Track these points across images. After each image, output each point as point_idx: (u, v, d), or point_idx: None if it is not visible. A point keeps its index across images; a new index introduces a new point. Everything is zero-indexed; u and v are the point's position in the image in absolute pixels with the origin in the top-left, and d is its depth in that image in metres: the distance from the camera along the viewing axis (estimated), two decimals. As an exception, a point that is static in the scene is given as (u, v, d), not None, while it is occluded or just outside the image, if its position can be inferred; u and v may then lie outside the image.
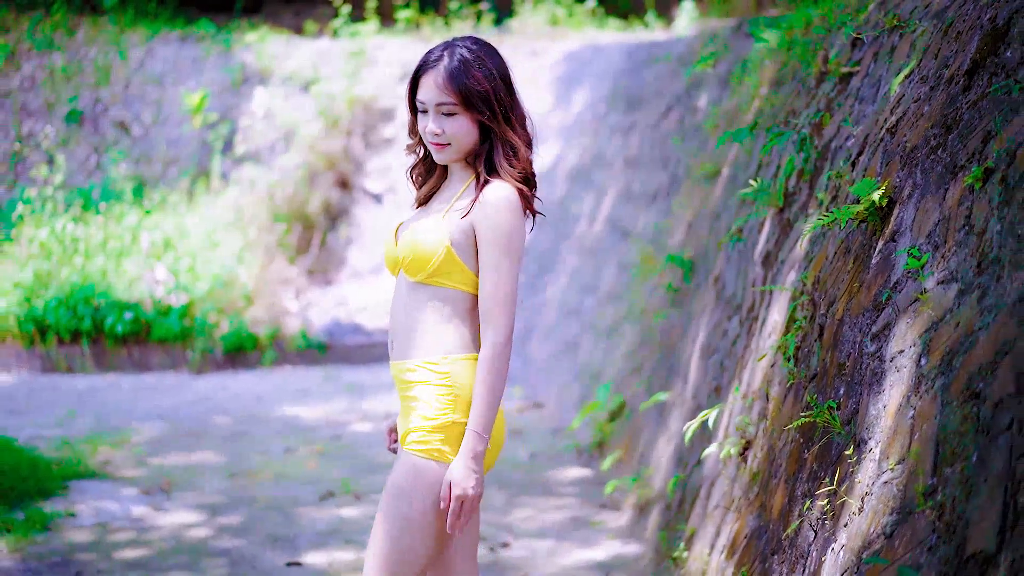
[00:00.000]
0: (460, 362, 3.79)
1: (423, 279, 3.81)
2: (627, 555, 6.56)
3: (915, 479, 3.19)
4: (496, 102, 3.84)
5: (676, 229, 8.20)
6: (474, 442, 3.69)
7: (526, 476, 8.30)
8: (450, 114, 3.82)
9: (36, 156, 15.59)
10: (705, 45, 9.13)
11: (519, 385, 11.23)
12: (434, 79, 3.82)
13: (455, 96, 3.80)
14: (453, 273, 3.80)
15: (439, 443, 3.72)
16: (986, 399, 2.99)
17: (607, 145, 11.45)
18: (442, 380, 3.77)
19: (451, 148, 3.85)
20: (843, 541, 3.55)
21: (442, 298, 3.81)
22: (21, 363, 12.19)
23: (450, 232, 3.79)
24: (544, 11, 16.26)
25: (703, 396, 6.19)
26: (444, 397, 3.75)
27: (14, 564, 6.48)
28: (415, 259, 3.80)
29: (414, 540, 3.72)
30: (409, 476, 3.73)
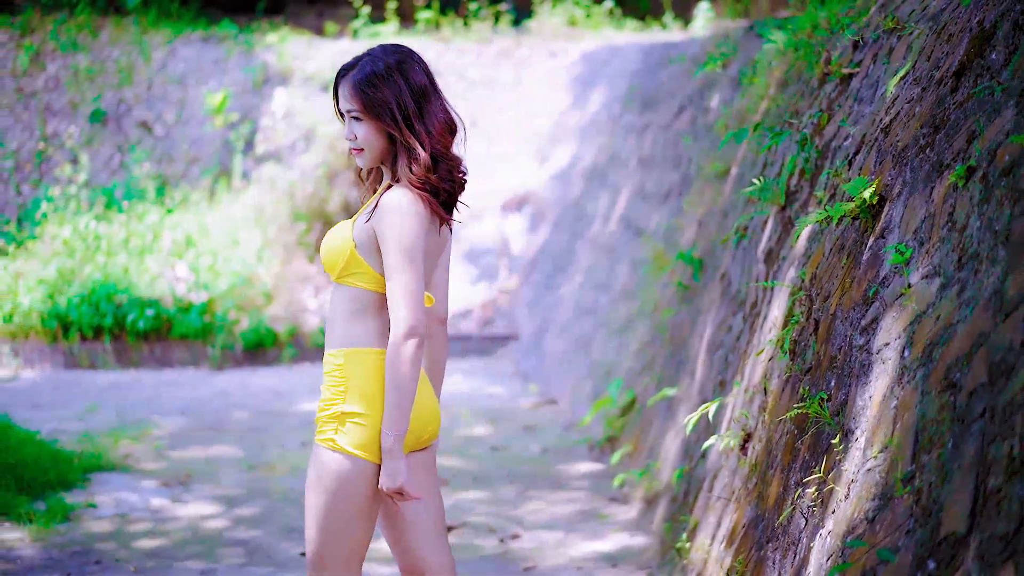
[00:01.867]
0: (356, 355, 3.92)
1: (336, 278, 3.99)
2: (634, 546, 6.68)
3: (895, 466, 3.31)
4: (398, 109, 3.91)
5: (687, 227, 8.32)
6: (382, 439, 3.84)
7: (537, 470, 8.43)
8: (358, 120, 3.95)
9: (60, 155, 15.79)
10: (717, 46, 9.24)
11: (533, 382, 11.36)
12: (343, 87, 3.98)
13: (358, 104, 3.93)
14: (359, 273, 3.94)
15: (332, 432, 3.89)
16: (962, 388, 3.11)
17: (622, 145, 11.57)
18: (336, 371, 3.93)
19: (365, 153, 3.99)
20: (830, 527, 3.68)
21: (351, 296, 3.96)
22: (44, 359, 12.37)
23: (355, 234, 3.94)
24: (562, 12, 16.38)
25: (709, 391, 6.31)
26: (335, 388, 3.92)
27: (36, 553, 6.64)
28: (326, 259, 4.00)
29: (330, 527, 3.90)
30: (313, 467, 3.94)
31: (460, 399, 10.84)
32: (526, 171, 14.80)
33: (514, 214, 14.53)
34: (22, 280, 12.86)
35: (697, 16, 14.24)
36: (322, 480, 3.89)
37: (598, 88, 13.89)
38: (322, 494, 3.90)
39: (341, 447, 3.86)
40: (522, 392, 11.15)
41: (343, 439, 3.86)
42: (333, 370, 3.94)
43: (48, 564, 6.45)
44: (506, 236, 14.32)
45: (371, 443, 3.86)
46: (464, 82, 15.66)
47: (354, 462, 3.87)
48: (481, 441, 9.32)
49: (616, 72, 13.45)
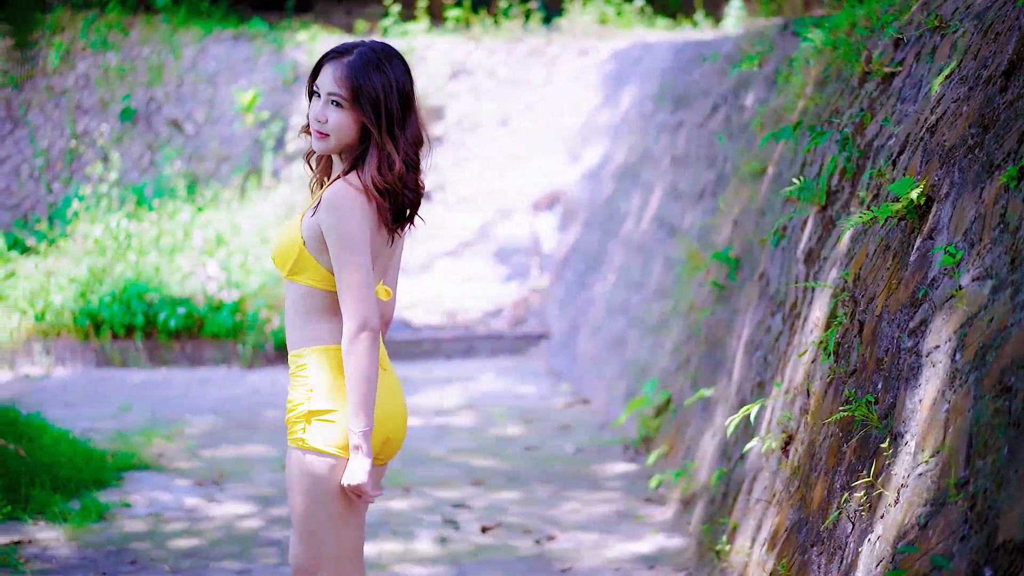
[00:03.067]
0: (315, 353, 3.91)
1: (286, 275, 3.95)
2: (671, 548, 6.65)
3: (948, 471, 3.27)
4: (384, 110, 3.90)
5: (722, 227, 8.27)
6: (349, 437, 3.82)
7: (572, 470, 8.39)
8: (337, 105, 3.89)
9: (91, 154, 15.83)
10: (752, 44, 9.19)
11: (566, 381, 11.33)
12: (333, 69, 3.91)
13: (347, 91, 3.88)
14: (308, 270, 3.90)
15: (300, 432, 3.88)
16: (1017, 393, 3.06)
17: (654, 143, 11.52)
18: (300, 372, 3.92)
19: (329, 139, 3.92)
20: (879, 532, 3.63)
21: (303, 294, 3.94)
22: (76, 357, 12.40)
23: (304, 231, 3.90)
24: (593, 10, 16.34)
25: (747, 391, 6.26)
26: (301, 388, 3.91)
27: (71, 552, 6.64)
28: (276, 256, 3.97)
29: (318, 527, 3.90)
30: (289, 469, 3.93)
31: (492, 398, 10.82)
32: (556, 170, 14.77)
33: (545, 213, 14.50)
34: (53, 278, 12.89)
35: (728, 14, 14.19)
36: (300, 481, 3.88)
37: (629, 86, 13.84)
38: (301, 496, 3.89)
39: (311, 446, 3.84)
40: (554, 391, 11.12)
41: (313, 438, 3.85)
42: (297, 369, 3.93)
43: (84, 563, 6.45)
44: (537, 235, 14.28)
45: (343, 439, 3.83)
46: (494, 80, 15.64)
47: (325, 460, 3.84)
48: (514, 441, 9.29)
49: (647, 70, 13.40)
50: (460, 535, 7.00)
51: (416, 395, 11.01)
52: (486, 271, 14.13)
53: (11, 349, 12.35)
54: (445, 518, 7.31)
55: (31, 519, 7.08)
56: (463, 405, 10.58)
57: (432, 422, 9.95)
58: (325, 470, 3.84)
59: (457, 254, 14.43)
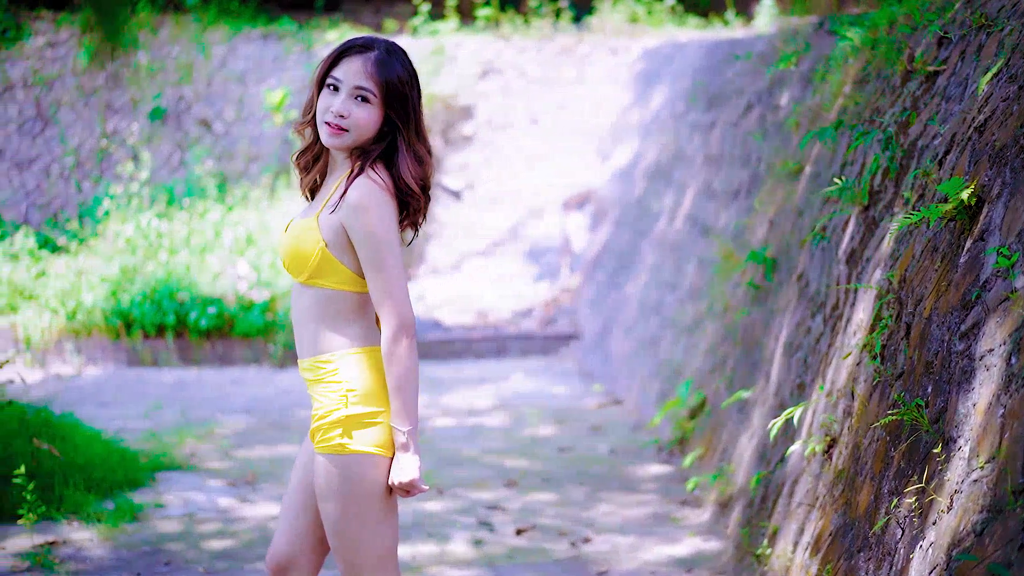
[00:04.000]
0: (348, 357, 3.82)
1: (304, 280, 3.84)
2: (708, 551, 6.59)
3: (1005, 478, 3.20)
4: (411, 107, 3.86)
5: (758, 226, 8.20)
6: (395, 436, 3.78)
7: (607, 471, 8.34)
8: (364, 100, 3.80)
9: (121, 153, 15.85)
10: (786, 43, 9.11)
11: (598, 381, 11.28)
12: (362, 63, 3.81)
13: (377, 85, 3.80)
14: (331, 274, 3.81)
15: (339, 437, 3.79)
16: (1078, 398, 3.00)
17: (687, 142, 11.45)
18: (331, 377, 3.81)
19: (347, 135, 3.83)
20: (932, 539, 3.57)
21: (326, 298, 3.83)
22: (107, 356, 12.40)
23: (324, 232, 3.80)
24: (624, 9, 16.27)
25: (786, 393, 6.20)
26: (335, 393, 3.80)
27: (106, 553, 6.62)
28: (293, 261, 3.84)
29: (362, 531, 3.82)
30: (326, 477, 3.82)
31: (524, 398, 10.77)
32: (587, 169, 14.71)
33: (575, 212, 14.44)
34: (84, 278, 12.90)
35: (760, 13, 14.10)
36: (342, 486, 3.79)
37: (660, 85, 13.77)
38: (345, 501, 3.80)
39: (355, 449, 3.77)
40: (586, 392, 11.07)
41: (356, 442, 3.78)
42: (327, 375, 3.82)
43: (118, 564, 6.43)
44: (567, 234, 14.23)
45: (387, 439, 3.80)
46: (524, 79, 15.59)
47: (373, 460, 3.79)
48: (548, 441, 9.24)
49: (679, 69, 13.33)
50: (495, 537, 6.95)
51: (448, 395, 10.98)
52: (516, 271, 14.09)
53: (43, 348, 12.37)
54: (479, 520, 7.26)
55: (65, 519, 7.07)
56: (495, 405, 10.54)
57: (464, 422, 9.91)
58: (371, 471, 3.79)
59: (488, 254, 14.39)
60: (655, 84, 14.03)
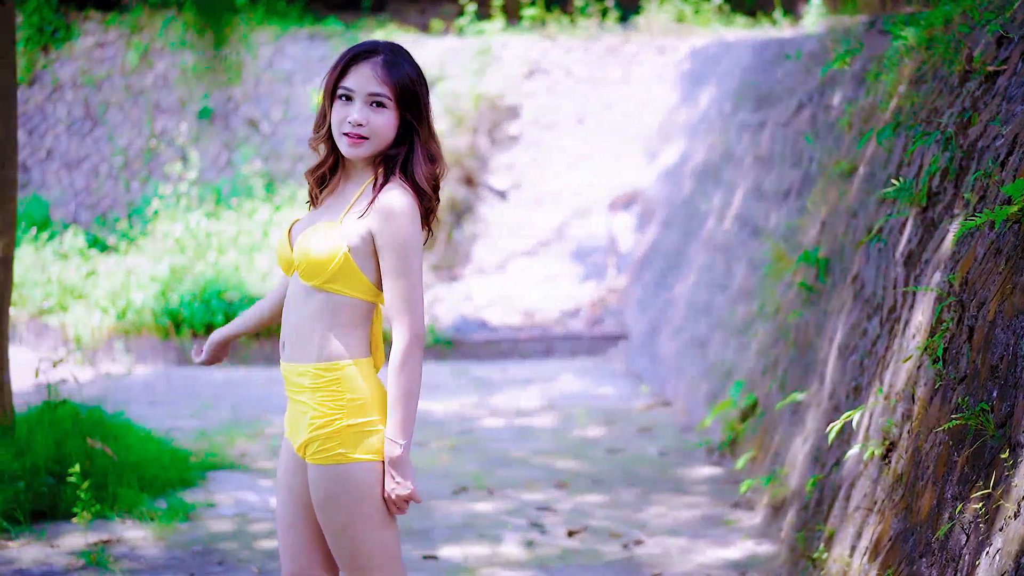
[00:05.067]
0: (350, 367, 3.78)
1: (319, 285, 3.78)
2: (762, 555, 6.55)
3: (1077, 484, 3.17)
4: (423, 106, 3.83)
5: (810, 227, 8.15)
6: (388, 448, 3.75)
7: (657, 473, 8.31)
8: (380, 106, 3.77)
9: (170, 153, 15.94)
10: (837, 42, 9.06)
11: (646, 382, 11.24)
12: (371, 69, 3.77)
13: (390, 89, 3.76)
14: (350, 280, 3.77)
15: (339, 447, 3.75)
16: None
17: (736, 142, 11.40)
18: (333, 387, 3.77)
19: (368, 143, 3.79)
20: (999, 545, 3.53)
21: (337, 304, 3.78)
22: (157, 355, 12.47)
23: (348, 237, 3.76)
24: (671, 8, 16.23)
25: (841, 396, 6.15)
26: (334, 403, 3.76)
27: (159, 552, 6.65)
28: (312, 264, 3.77)
29: (370, 536, 3.79)
30: (326, 487, 3.78)
31: (572, 399, 10.76)
32: (634, 169, 14.68)
33: (622, 212, 14.41)
34: (134, 277, 12.97)
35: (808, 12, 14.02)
36: (346, 495, 3.76)
37: (708, 85, 13.72)
38: (351, 509, 3.77)
39: (356, 457, 3.75)
40: (634, 393, 11.04)
41: (355, 450, 3.75)
42: (328, 384, 3.77)
43: (171, 564, 6.46)
44: (614, 234, 14.20)
45: (380, 444, 3.77)
46: (571, 79, 15.57)
47: (373, 467, 3.77)
48: (597, 443, 9.22)
49: (727, 69, 13.27)
50: (546, 538, 6.94)
51: (496, 396, 10.98)
52: (563, 271, 14.07)
53: (93, 348, 12.45)
54: (531, 521, 7.25)
55: (119, 518, 7.11)
56: (543, 406, 10.53)
57: (513, 423, 9.91)
58: (373, 476, 3.77)
59: (534, 253, 14.38)
60: (702, 84, 13.98)
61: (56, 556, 6.51)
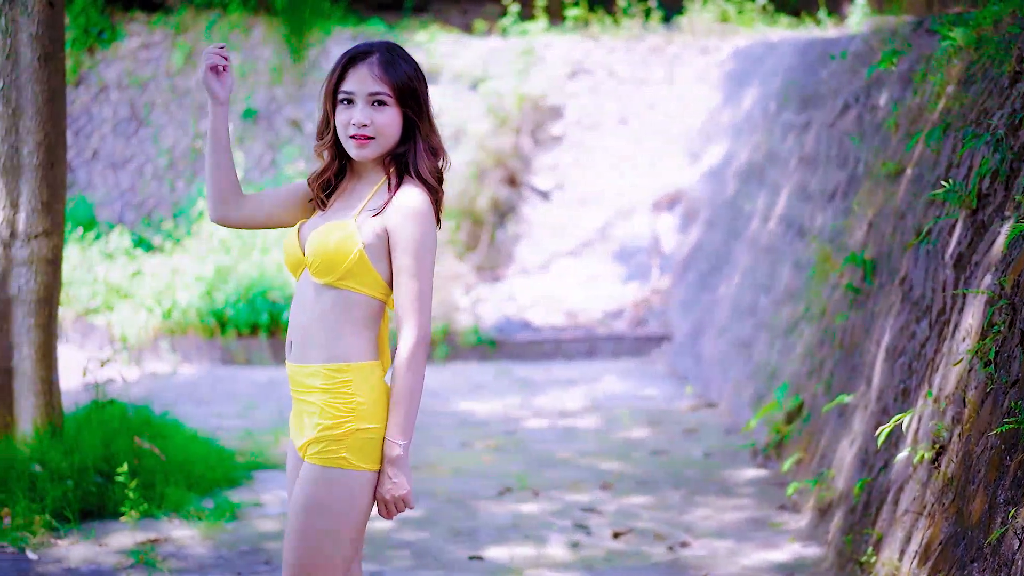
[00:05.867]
0: (363, 369, 3.77)
1: (332, 282, 3.77)
2: (809, 557, 6.53)
3: None
4: (423, 101, 3.85)
5: (856, 228, 8.12)
6: (389, 449, 3.73)
7: (702, 475, 8.30)
8: (381, 104, 3.79)
9: (214, 153, 15.99)
10: (883, 42, 9.01)
11: (691, 384, 11.22)
12: (368, 69, 3.79)
13: (389, 87, 3.78)
14: (363, 277, 3.76)
15: (344, 452, 3.73)
16: None
17: (780, 143, 11.36)
18: (343, 388, 3.76)
19: (375, 143, 3.80)
20: (1053, 550, 3.51)
21: (348, 302, 3.77)
22: (202, 355, 12.54)
23: (363, 234, 3.76)
24: (714, 8, 16.18)
25: (889, 399, 6.12)
26: (345, 406, 3.75)
27: (206, 551, 6.69)
28: (325, 261, 3.76)
29: (334, 550, 3.76)
30: (319, 489, 3.75)
31: (616, 400, 10.75)
32: (677, 169, 14.65)
33: (665, 213, 14.39)
34: (179, 277, 13.04)
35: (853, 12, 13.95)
36: (336, 502, 3.74)
37: (752, 85, 13.67)
38: (332, 515, 3.74)
39: (356, 464, 3.74)
40: (678, 394, 11.02)
41: (358, 457, 3.74)
42: (339, 386, 3.76)
43: (219, 563, 6.49)
44: (657, 235, 14.18)
45: (379, 454, 3.76)
46: (614, 79, 15.55)
47: (367, 477, 3.75)
48: (641, 444, 9.21)
49: (771, 69, 13.23)
50: (592, 540, 6.94)
51: (539, 396, 10.98)
52: (606, 271, 14.06)
53: (139, 347, 12.52)
54: (576, 522, 7.25)
55: (166, 517, 7.15)
56: (587, 407, 10.53)
57: (557, 424, 9.91)
58: (366, 489, 3.76)
59: (577, 254, 14.37)
60: (746, 84, 13.94)
61: (104, 555, 6.56)
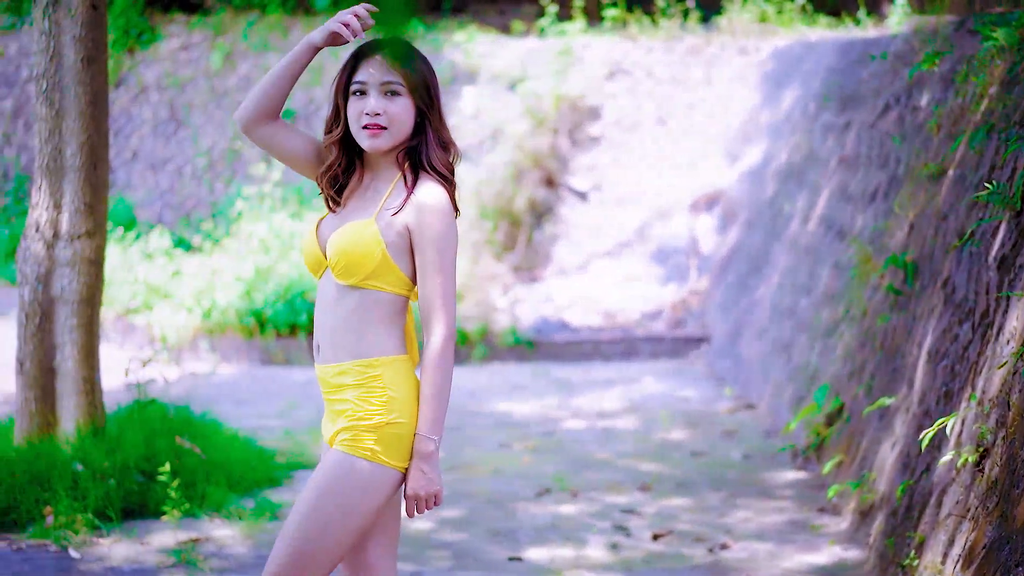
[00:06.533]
0: (394, 364, 3.78)
1: (356, 283, 3.76)
2: (850, 560, 6.50)
3: None
4: (434, 93, 3.86)
5: (897, 230, 8.08)
6: (422, 445, 3.73)
7: (741, 477, 8.28)
8: (394, 95, 3.79)
9: (253, 154, 16.07)
10: (924, 43, 8.97)
11: (729, 385, 11.19)
12: (381, 60, 3.80)
13: (403, 77, 3.78)
14: (387, 276, 3.76)
15: (372, 443, 3.72)
16: None
17: (820, 144, 11.32)
18: (376, 383, 3.76)
19: (387, 133, 3.80)
20: (1100, 555, 3.49)
21: (373, 301, 3.77)
22: (241, 355, 12.59)
23: (384, 234, 3.75)
24: (753, 8, 16.13)
25: (931, 401, 6.09)
26: (378, 399, 3.74)
27: (247, 551, 6.72)
28: (350, 263, 3.75)
29: (331, 540, 3.73)
30: (339, 474, 3.74)
31: (654, 401, 10.73)
32: (715, 170, 14.61)
33: (703, 213, 14.35)
34: (218, 277, 13.10)
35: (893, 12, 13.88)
36: (347, 490, 3.72)
37: (791, 86, 13.63)
38: (341, 502, 3.72)
39: (384, 460, 3.73)
40: (717, 395, 10.99)
41: (387, 451, 3.73)
42: (370, 380, 3.76)
43: (259, 562, 6.51)
44: (695, 236, 14.15)
45: (407, 452, 3.75)
46: (652, 80, 15.53)
47: (391, 474, 3.75)
48: (680, 446, 9.19)
49: (810, 69, 13.18)
50: (631, 542, 6.94)
51: (577, 397, 10.98)
52: (644, 272, 14.04)
53: (178, 347, 12.59)
54: (615, 524, 7.25)
55: (207, 516, 7.19)
56: (625, 408, 10.51)
57: (595, 425, 9.90)
58: (389, 486, 3.76)
59: (614, 254, 14.36)
60: (785, 84, 13.89)
61: (146, 554, 6.60)
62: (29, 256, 7.36)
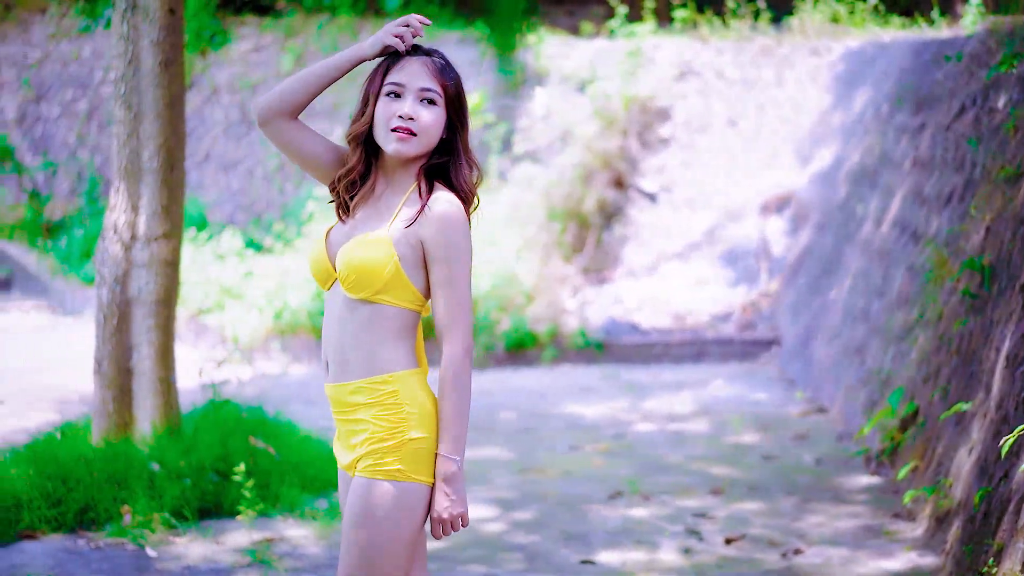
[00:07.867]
0: (408, 378, 3.69)
1: (367, 297, 3.68)
2: (925, 567, 6.45)
3: None
4: (465, 114, 3.81)
5: (973, 233, 8.00)
6: (444, 466, 3.65)
7: (814, 481, 8.23)
8: (431, 103, 3.72)
9: (323, 155, 16.14)
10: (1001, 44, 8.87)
11: (801, 389, 11.13)
12: (422, 65, 3.74)
13: (441, 87, 3.72)
14: (399, 290, 3.67)
15: (396, 463, 3.64)
16: None
17: (893, 145, 11.23)
18: (390, 399, 3.67)
19: (416, 141, 3.71)
20: None
21: (385, 316, 3.68)
22: (312, 355, 12.66)
23: (397, 247, 3.67)
24: (825, 9, 16.02)
25: (1010, 407, 6.03)
26: (395, 416, 3.66)
27: (321, 551, 6.77)
28: (360, 277, 3.66)
29: (388, 564, 3.66)
30: (373, 503, 3.64)
31: (725, 404, 10.69)
32: (786, 172, 14.53)
33: (774, 216, 14.27)
34: (289, 278, 13.19)
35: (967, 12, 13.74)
36: (389, 515, 3.63)
37: (863, 87, 13.52)
38: (382, 529, 3.63)
39: (413, 477, 3.65)
40: (788, 399, 10.93)
41: (412, 468, 3.65)
42: (385, 397, 3.67)
43: (333, 563, 6.56)
44: (766, 238, 14.07)
45: (432, 466, 3.67)
46: (722, 81, 15.46)
47: (422, 489, 3.66)
48: (752, 449, 9.15)
49: (882, 70, 13.07)
50: (704, 546, 6.92)
51: (647, 400, 10.95)
52: (714, 274, 13.98)
53: (250, 347, 12.69)
54: (687, 527, 7.23)
55: (281, 516, 7.24)
56: (696, 411, 10.48)
57: (666, 428, 9.88)
58: (422, 502, 3.67)
59: (684, 256, 14.30)
60: (857, 86, 13.79)
61: (222, 553, 6.67)
62: (107, 258, 7.45)
